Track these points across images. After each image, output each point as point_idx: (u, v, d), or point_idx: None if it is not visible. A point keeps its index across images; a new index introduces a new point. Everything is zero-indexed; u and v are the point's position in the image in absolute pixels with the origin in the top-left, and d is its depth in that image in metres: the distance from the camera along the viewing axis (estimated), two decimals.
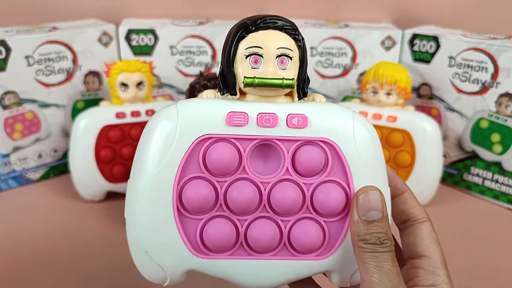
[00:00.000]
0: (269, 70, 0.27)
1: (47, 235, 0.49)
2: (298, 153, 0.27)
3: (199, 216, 0.27)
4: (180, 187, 0.27)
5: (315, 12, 0.69)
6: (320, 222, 0.28)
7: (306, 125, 0.27)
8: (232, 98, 0.28)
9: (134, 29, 0.60)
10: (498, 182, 0.56)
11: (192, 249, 0.27)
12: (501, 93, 0.54)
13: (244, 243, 0.28)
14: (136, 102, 0.53)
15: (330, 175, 0.27)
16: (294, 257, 0.28)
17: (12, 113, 0.56)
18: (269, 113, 0.27)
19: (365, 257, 0.24)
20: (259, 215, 0.28)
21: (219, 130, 0.27)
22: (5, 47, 0.53)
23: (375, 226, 0.25)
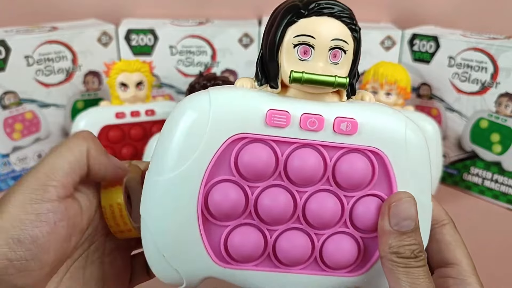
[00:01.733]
0: (319, 65, 0.23)
1: None
2: (342, 162, 0.24)
3: (225, 223, 0.25)
4: (207, 190, 0.24)
5: None
6: (356, 237, 0.25)
7: (355, 132, 0.24)
8: (271, 91, 0.24)
9: (133, 29, 0.60)
10: (498, 182, 0.56)
11: (214, 257, 0.25)
12: (501, 93, 0.54)
13: (271, 254, 0.25)
14: (135, 102, 0.53)
15: (374, 189, 0.25)
16: (324, 272, 0.25)
17: (12, 113, 0.56)
18: (315, 114, 0.23)
19: (398, 273, 0.22)
20: (291, 226, 0.25)
21: (256, 130, 0.23)
22: (5, 47, 0.53)
23: (409, 238, 0.22)
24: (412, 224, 0.23)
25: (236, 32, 0.60)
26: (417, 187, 0.24)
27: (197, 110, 0.23)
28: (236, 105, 0.24)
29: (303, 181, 0.24)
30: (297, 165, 0.24)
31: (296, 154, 0.24)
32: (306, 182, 0.24)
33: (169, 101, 0.57)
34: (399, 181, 0.24)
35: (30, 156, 0.58)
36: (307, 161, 0.24)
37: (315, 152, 0.24)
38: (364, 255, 0.25)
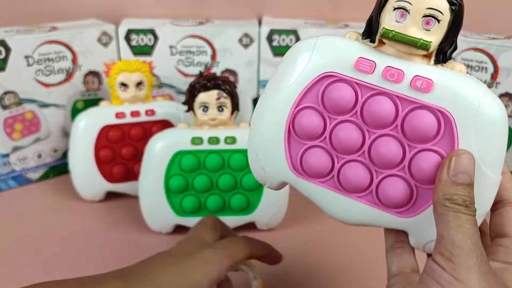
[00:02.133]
0: (411, 28, 0.26)
1: (47, 235, 0.49)
2: (412, 115, 0.27)
3: (304, 141, 0.30)
4: (296, 111, 0.29)
5: (314, 12, 0.69)
6: (411, 184, 0.28)
7: (429, 91, 0.26)
8: (369, 45, 0.28)
9: (133, 29, 0.60)
10: None
11: (291, 166, 0.30)
12: (501, 93, 0.54)
13: (335, 177, 0.29)
14: (135, 102, 0.53)
15: (436, 145, 0.27)
16: (377, 206, 0.29)
17: (12, 113, 0.56)
18: (397, 68, 0.27)
19: (448, 217, 0.24)
20: (356, 158, 0.29)
21: (344, 71, 0.28)
22: (5, 47, 0.53)
23: (463, 189, 0.25)
24: (468, 179, 0.25)
25: (236, 32, 0.60)
26: (479, 154, 0.26)
27: (304, 48, 0.29)
28: (334, 49, 0.28)
29: (374, 123, 0.28)
30: (373, 109, 0.27)
31: (374, 99, 0.27)
32: (377, 125, 0.28)
33: (169, 101, 0.57)
34: (461, 144, 0.26)
35: (30, 156, 0.58)
36: (382, 107, 0.27)
37: (390, 101, 0.27)
38: (415, 202, 0.28)
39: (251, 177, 0.47)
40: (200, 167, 0.47)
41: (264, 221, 0.49)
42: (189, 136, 0.46)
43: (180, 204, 0.47)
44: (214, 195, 0.48)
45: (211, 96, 0.46)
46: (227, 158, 0.47)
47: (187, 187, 0.47)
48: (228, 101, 0.46)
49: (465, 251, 0.23)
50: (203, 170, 0.47)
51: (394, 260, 0.29)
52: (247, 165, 0.47)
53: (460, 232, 0.24)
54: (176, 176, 0.46)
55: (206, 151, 0.47)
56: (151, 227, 0.49)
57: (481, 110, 0.26)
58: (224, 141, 0.46)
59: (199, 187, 0.47)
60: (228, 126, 0.48)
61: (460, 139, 0.26)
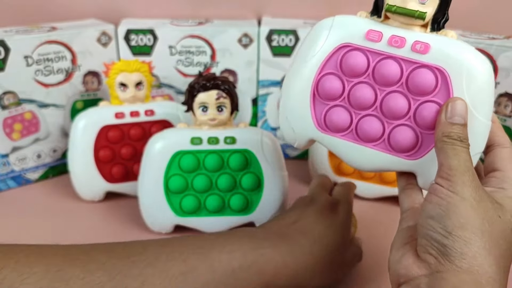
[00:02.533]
0: (410, 3, 0.32)
1: (47, 235, 0.49)
2: (414, 73, 0.33)
3: (327, 102, 0.35)
4: (319, 77, 0.35)
5: (314, 12, 0.69)
6: (416, 131, 0.34)
7: (426, 52, 0.32)
8: (376, 20, 0.34)
9: (133, 29, 0.60)
10: None
11: (316, 124, 0.36)
12: (500, 93, 0.54)
13: (354, 130, 0.35)
14: (135, 102, 0.53)
15: (435, 97, 0.33)
16: (389, 151, 0.35)
17: (11, 113, 0.56)
18: (400, 36, 0.33)
19: (447, 148, 0.30)
20: (371, 113, 0.35)
21: (357, 42, 0.34)
22: (4, 47, 0.53)
23: (458, 128, 0.30)
24: (462, 120, 0.31)
25: (235, 32, 0.60)
26: (471, 103, 0.32)
27: (324, 26, 0.35)
28: (348, 24, 0.34)
29: (384, 82, 0.34)
30: (382, 70, 0.33)
31: (383, 62, 0.33)
32: (386, 83, 0.34)
33: (168, 101, 0.57)
34: (455, 95, 0.32)
35: (29, 157, 0.58)
36: (389, 68, 0.33)
37: (396, 63, 0.33)
38: (420, 146, 0.34)
39: (251, 177, 0.47)
40: (200, 167, 0.47)
41: (263, 221, 0.49)
42: (189, 136, 0.46)
43: (179, 204, 0.47)
44: (213, 195, 0.48)
45: (211, 96, 0.46)
46: (226, 158, 0.47)
47: (186, 187, 0.47)
48: (227, 101, 0.46)
49: (460, 172, 0.29)
50: (202, 170, 0.47)
51: (405, 199, 0.35)
52: (246, 165, 0.47)
53: (456, 159, 0.29)
54: (176, 176, 0.46)
55: (205, 151, 0.47)
56: (151, 227, 0.49)
57: (470, 66, 0.31)
58: (224, 141, 0.46)
59: (199, 187, 0.47)
60: (228, 126, 0.48)
61: (455, 90, 0.32)
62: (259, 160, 0.47)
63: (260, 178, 0.47)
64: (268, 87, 0.63)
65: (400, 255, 0.30)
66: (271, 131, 0.65)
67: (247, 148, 0.47)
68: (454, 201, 0.28)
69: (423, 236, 0.29)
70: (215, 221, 0.48)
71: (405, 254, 0.30)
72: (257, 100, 0.64)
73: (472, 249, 0.27)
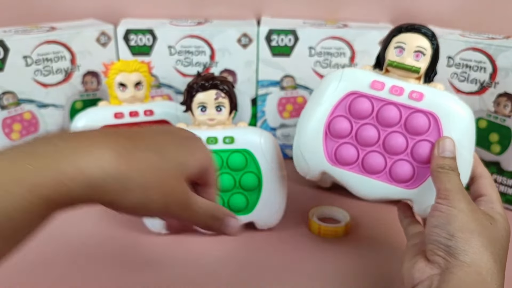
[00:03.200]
0: (407, 59, 0.40)
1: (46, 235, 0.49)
2: (411, 117, 0.40)
3: (337, 140, 0.42)
4: (331, 119, 0.42)
5: (313, 12, 0.69)
6: (413, 165, 0.40)
7: (421, 100, 0.39)
8: (379, 72, 0.42)
9: (132, 29, 0.60)
10: (497, 182, 0.56)
11: (328, 158, 0.42)
12: (500, 93, 0.54)
13: (360, 164, 0.42)
14: (134, 102, 0.53)
15: (428, 136, 0.40)
16: (391, 182, 0.41)
17: (10, 113, 0.56)
18: (399, 86, 0.40)
19: (442, 176, 0.36)
20: (375, 149, 0.41)
21: (363, 90, 0.41)
22: (3, 47, 0.53)
23: (448, 160, 0.37)
24: (451, 154, 0.38)
25: (235, 32, 0.60)
26: (457, 141, 0.39)
27: (334, 77, 0.42)
28: (355, 75, 0.41)
29: (386, 124, 0.41)
30: (384, 114, 0.40)
31: (385, 107, 0.40)
32: (388, 125, 0.41)
33: (167, 101, 0.57)
34: (445, 134, 0.39)
35: None
36: (390, 112, 0.40)
37: (396, 108, 0.40)
38: (417, 178, 0.40)
39: (250, 177, 0.47)
40: None
41: (263, 220, 0.49)
42: None
43: None
44: None
45: (209, 96, 0.46)
46: (226, 158, 0.47)
47: None
48: (226, 101, 0.46)
49: (454, 192, 0.35)
50: None
51: (407, 227, 0.42)
52: (245, 164, 0.47)
53: (450, 183, 0.36)
54: None
55: None
56: (150, 227, 0.49)
57: (456, 112, 0.39)
58: (223, 141, 0.46)
59: None
60: (226, 126, 0.48)
61: (444, 131, 0.39)
62: (258, 160, 0.47)
63: (260, 177, 0.47)
64: (267, 87, 0.63)
65: (413, 263, 0.35)
66: (270, 131, 0.65)
67: (246, 148, 0.47)
68: (453, 212, 0.34)
69: (430, 242, 0.34)
70: None
71: (417, 261, 0.35)
72: (256, 100, 0.64)
73: (471, 245, 0.32)
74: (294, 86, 0.63)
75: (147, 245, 0.48)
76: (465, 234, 0.33)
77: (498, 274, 0.32)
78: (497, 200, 0.38)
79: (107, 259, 0.46)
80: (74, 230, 0.50)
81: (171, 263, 0.45)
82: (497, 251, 0.33)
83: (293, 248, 0.48)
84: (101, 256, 0.46)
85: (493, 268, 0.32)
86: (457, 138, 0.39)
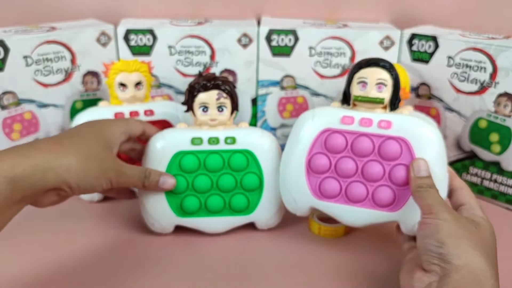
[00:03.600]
0: (370, 92, 0.43)
1: (45, 236, 0.49)
2: (383, 145, 0.42)
3: (319, 175, 0.45)
4: (310, 157, 0.44)
5: (313, 12, 0.69)
6: (393, 188, 0.43)
7: (390, 127, 0.42)
8: (347, 107, 0.45)
9: (132, 29, 0.60)
10: (497, 182, 0.56)
11: (313, 194, 0.45)
12: (500, 93, 0.54)
13: (344, 195, 0.44)
14: (134, 102, 0.53)
15: (402, 160, 0.42)
16: (375, 208, 0.43)
17: (10, 113, 0.56)
18: (368, 118, 0.43)
19: (420, 194, 0.39)
20: (355, 179, 0.44)
21: (335, 126, 0.43)
22: (4, 47, 0.53)
23: (425, 179, 0.40)
24: (426, 173, 0.41)
25: (235, 32, 0.60)
26: (429, 160, 0.41)
27: (308, 117, 0.45)
28: (326, 113, 0.44)
29: (361, 154, 0.43)
30: (358, 146, 0.43)
31: (357, 139, 0.43)
32: (363, 155, 0.43)
33: (168, 101, 0.57)
34: (417, 156, 0.42)
35: None
36: (363, 143, 0.43)
37: (368, 138, 0.43)
38: (398, 200, 0.43)
39: (251, 177, 0.47)
40: (201, 167, 0.47)
41: (264, 221, 0.49)
42: (189, 136, 0.46)
43: (180, 205, 0.47)
44: (214, 195, 0.48)
45: (211, 96, 0.46)
46: (227, 158, 0.47)
47: (187, 188, 0.47)
48: (228, 101, 0.46)
49: (436, 205, 0.38)
50: (203, 171, 0.47)
51: (403, 243, 0.44)
52: (247, 165, 0.47)
53: (431, 198, 0.38)
54: (176, 177, 0.46)
55: (206, 151, 0.47)
56: (151, 228, 0.49)
57: (423, 134, 0.42)
58: (224, 141, 0.46)
59: (200, 188, 0.47)
60: (228, 126, 0.48)
61: (416, 153, 0.42)
62: (259, 160, 0.47)
63: (261, 178, 0.47)
64: (267, 87, 0.63)
65: (411, 275, 0.37)
66: (270, 131, 0.65)
67: (247, 148, 0.47)
68: (439, 222, 0.36)
69: (424, 253, 0.36)
70: (216, 221, 0.48)
71: (415, 273, 0.37)
72: (256, 100, 0.64)
73: (462, 249, 0.35)
74: (294, 86, 0.63)
75: (147, 246, 0.48)
76: (454, 240, 0.35)
77: (491, 273, 0.34)
78: (477, 207, 0.40)
79: (107, 259, 0.46)
80: (73, 230, 0.50)
81: (170, 263, 0.45)
82: (486, 252, 0.36)
83: (293, 248, 0.48)
84: (101, 256, 0.46)
85: (485, 268, 0.34)
86: (428, 158, 0.41)
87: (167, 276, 0.44)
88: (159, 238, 0.49)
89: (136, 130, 0.46)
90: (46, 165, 0.35)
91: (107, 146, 0.41)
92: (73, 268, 0.44)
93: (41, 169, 0.35)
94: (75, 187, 0.38)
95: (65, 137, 0.39)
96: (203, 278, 0.43)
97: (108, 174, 0.40)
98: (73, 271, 0.44)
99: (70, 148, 0.38)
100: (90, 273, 0.44)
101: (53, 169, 0.36)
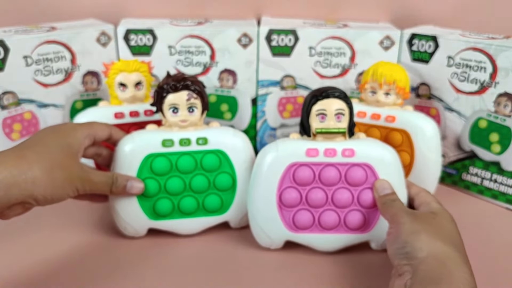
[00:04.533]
0: (330, 123, 0.44)
1: (45, 235, 0.49)
2: (349, 172, 0.44)
3: (291, 209, 0.45)
4: (280, 192, 0.45)
5: (314, 12, 0.69)
6: (363, 212, 0.45)
7: (353, 155, 0.44)
8: (308, 139, 0.45)
9: (132, 29, 0.60)
10: (497, 182, 0.56)
11: (287, 227, 0.46)
12: (500, 92, 0.54)
13: (317, 224, 0.46)
14: (134, 102, 0.53)
15: (368, 184, 0.45)
16: (347, 232, 0.46)
17: (10, 113, 0.56)
18: (331, 148, 0.44)
19: (386, 208, 0.42)
20: (326, 208, 0.45)
21: (301, 159, 0.44)
22: (4, 47, 0.53)
23: (389, 196, 0.43)
24: (389, 190, 0.44)
25: (235, 32, 0.60)
26: (390, 180, 0.44)
27: (270, 150, 0.45)
28: (291, 147, 0.45)
29: (329, 183, 0.45)
30: (325, 176, 0.45)
31: (324, 170, 0.45)
32: (331, 184, 0.45)
33: None
34: (381, 177, 0.45)
35: None
36: (330, 173, 0.45)
37: (334, 168, 0.45)
38: (368, 221, 0.46)
39: (224, 177, 0.47)
40: (173, 169, 0.46)
41: (238, 220, 0.49)
42: (160, 138, 0.45)
43: (153, 208, 0.46)
44: (187, 197, 0.47)
45: (181, 97, 0.45)
46: (199, 159, 0.46)
47: (159, 190, 0.46)
48: (198, 101, 0.46)
49: (398, 211, 0.41)
50: (175, 172, 0.46)
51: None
52: (219, 165, 0.47)
53: (393, 208, 0.42)
54: (148, 180, 0.46)
55: (178, 153, 0.46)
56: (124, 231, 0.47)
57: (385, 158, 0.45)
58: (196, 142, 0.46)
59: (172, 190, 0.46)
60: (199, 127, 0.47)
61: (380, 175, 0.44)
62: (232, 160, 0.47)
63: (234, 177, 0.47)
64: (267, 87, 0.63)
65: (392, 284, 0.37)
66: (270, 130, 0.65)
67: (219, 148, 0.46)
68: (399, 226, 0.39)
69: (394, 259, 0.38)
70: (190, 223, 0.48)
71: (394, 283, 0.37)
72: (256, 100, 0.64)
73: (422, 241, 0.37)
74: (294, 86, 0.63)
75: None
76: (414, 236, 0.38)
77: (455, 254, 0.36)
78: (432, 200, 0.43)
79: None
80: (71, 229, 0.50)
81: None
82: (447, 236, 0.38)
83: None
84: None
85: (448, 250, 0.36)
86: (389, 177, 0.44)
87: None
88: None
89: (102, 134, 0.45)
90: (11, 180, 0.35)
91: (71, 152, 0.40)
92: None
93: (5, 185, 0.35)
94: (41, 199, 0.37)
95: (29, 147, 0.39)
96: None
97: (74, 183, 0.39)
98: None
99: (34, 160, 0.37)
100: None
101: (17, 185, 0.35)
